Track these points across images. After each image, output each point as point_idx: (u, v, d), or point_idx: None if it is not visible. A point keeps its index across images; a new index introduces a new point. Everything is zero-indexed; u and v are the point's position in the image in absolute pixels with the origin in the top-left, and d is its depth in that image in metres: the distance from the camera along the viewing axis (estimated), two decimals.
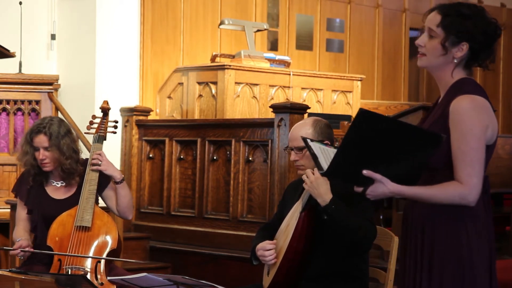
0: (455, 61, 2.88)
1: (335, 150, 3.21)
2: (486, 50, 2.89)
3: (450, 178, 2.81)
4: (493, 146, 2.89)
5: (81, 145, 4.49)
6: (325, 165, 3.07)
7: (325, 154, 3.22)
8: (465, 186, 2.77)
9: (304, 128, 3.76)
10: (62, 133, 4.26)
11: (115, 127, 4.47)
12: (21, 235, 4.24)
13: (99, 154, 4.28)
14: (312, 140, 3.35)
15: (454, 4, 2.91)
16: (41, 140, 4.24)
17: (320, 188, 3.47)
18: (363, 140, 2.69)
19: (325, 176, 2.85)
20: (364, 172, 2.72)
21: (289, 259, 3.58)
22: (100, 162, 4.25)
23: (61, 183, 4.34)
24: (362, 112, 2.67)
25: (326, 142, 3.54)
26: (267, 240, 3.73)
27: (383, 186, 2.75)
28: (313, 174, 3.48)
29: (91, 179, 4.25)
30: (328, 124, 3.82)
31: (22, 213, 4.37)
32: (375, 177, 2.73)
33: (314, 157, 3.22)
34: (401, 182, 2.77)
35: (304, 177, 3.53)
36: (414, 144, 2.70)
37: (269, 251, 3.65)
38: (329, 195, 3.46)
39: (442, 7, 2.90)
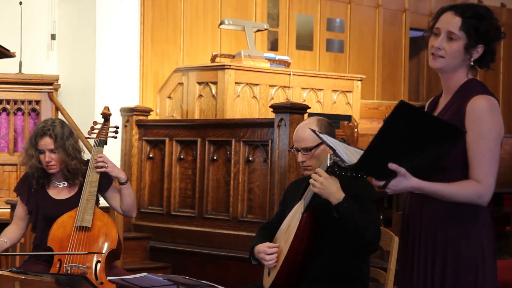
0: (472, 63, 2.91)
1: (345, 144, 3.22)
2: (493, 50, 2.92)
3: (462, 178, 2.84)
4: (501, 145, 2.92)
5: (81, 145, 4.51)
6: (345, 157, 3.06)
7: (339, 146, 3.22)
8: (482, 186, 2.81)
9: (310, 127, 3.74)
10: (66, 134, 4.32)
11: (116, 132, 4.54)
12: (5, 235, 4.34)
13: (103, 158, 4.32)
14: (321, 133, 3.35)
15: (469, 5, 2.92)
16: (47, 142, 4.28)
17: (331, 188, 3.44)
18: (397, 133, 2.70)
19: (354, 168, 2.84)
20: (390, 165, 2.71)
21: (290, 260, 3.57)
22: (106, 165, 4.29)
23: (63, 183, 4.38)
24: (402, 104, 2.67)
25: None
26: (268, 243, 3.71)
27: (406, 180, 2.74)
28: (320, 175, 3.46)
29: (91, 181, 4.29)
30: (330, 122, 3.81)
31: (19, 211, 4.42)
32: (399, 171, 2.72)
33: (332, 149, 3.20)
34: (418, 176, 2.77)
35: (311, 181, 3.50)
36: (439, 137, 2.71)
37: (270, 255, 3.64)
38: (341, 194, 3.44)
39: (458, 8, 2.89)
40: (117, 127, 4.53)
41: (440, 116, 2.95)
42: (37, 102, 6.64)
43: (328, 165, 3.42)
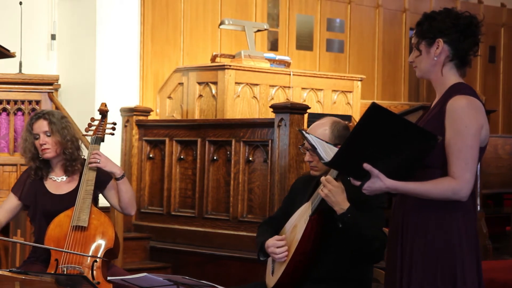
0: (435, 58, 3.00)
1: (331, 145, 3.27)
2: (465, 40, 2.99)
3: (442, 176, 2.89)
4: (485, 148, 2.98)
5: (80, 143, 4.49)
6: (324, 155, 3.12)
7: (322, 146, 3.27)
8: (458, 181, 2.85)
9: (321, 128, 3.72)
10: (63, 121, 4.33)
11: (113, 128, 4.45)
12: None
13: (96, 153, 4.29)
14: (307, 133, 3.40)
15: (424, 14, 3.09)
16: (41, 125, 4.28)
17: (337, 197, 3.44)
18: (369, 134, 2.75)
19: (327, 165, 2.90)
20: (365, 165, 2.78)
21: (296, 261, 3.59)
22: (98, 160, 4.26)
23: (61, 178, 4.35)
24: (374, 106, 2.74)
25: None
26: (277, 236, 3.73)
27: (380, 181, 2.83)
28: (329, 183, 3.45)
29: (88, 180, 4.25)
30: (346, 126, 3.75)
31: (8, 204, 4.36)
32: (372, 172, 2.80)
33: (313, 147, 3.27)
34: (394, 177, 2.84)
35: (321, 186, 3.49)
36: (413, 142, 2.78)
37: (281, 248, 3.65)
38: (346, 204, 3.44)
39: (416, 23, 3.08)
40: (114, 123, 4.44)
41: (425, 116, 3.05)
42: (37, 102, 6.63)
43: None
